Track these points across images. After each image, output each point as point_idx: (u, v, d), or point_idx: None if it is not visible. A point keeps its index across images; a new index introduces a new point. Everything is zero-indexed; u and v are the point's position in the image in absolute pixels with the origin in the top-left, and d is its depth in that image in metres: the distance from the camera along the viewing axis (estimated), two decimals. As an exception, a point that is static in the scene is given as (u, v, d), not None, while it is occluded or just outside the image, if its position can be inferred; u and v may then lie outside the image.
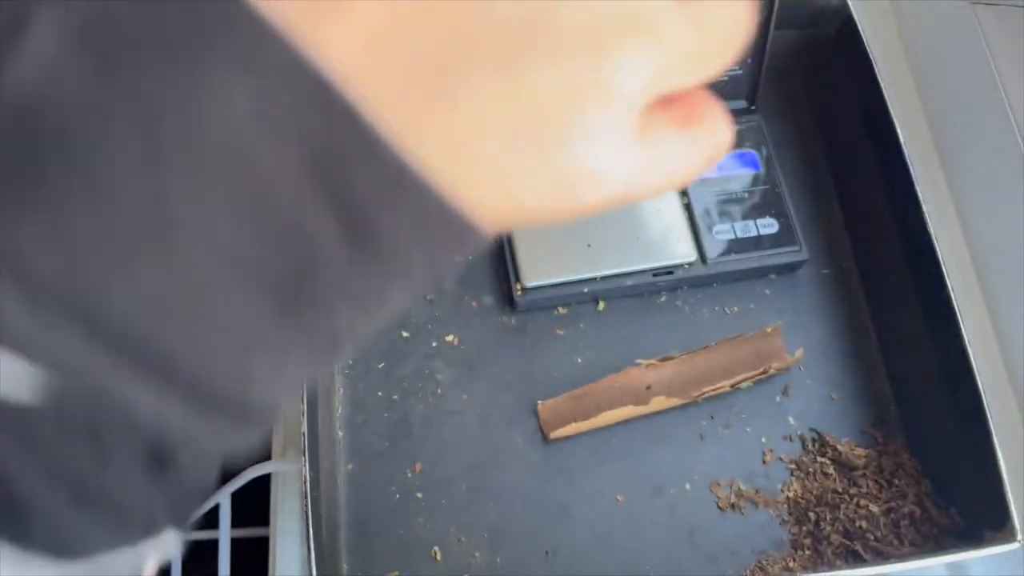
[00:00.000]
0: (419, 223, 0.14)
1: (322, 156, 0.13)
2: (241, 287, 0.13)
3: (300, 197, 0.13)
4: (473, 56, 0.14)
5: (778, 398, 0.47)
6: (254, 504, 0.50)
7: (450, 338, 0.48)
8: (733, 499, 0.45)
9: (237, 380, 0.14)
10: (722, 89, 0.52)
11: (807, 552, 0.44)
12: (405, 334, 0.48)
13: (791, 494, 0.45)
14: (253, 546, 0.48)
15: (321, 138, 0.13)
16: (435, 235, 0.15)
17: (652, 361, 0.46)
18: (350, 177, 0.13)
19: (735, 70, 0.51)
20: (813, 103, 0.55)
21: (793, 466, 0.46)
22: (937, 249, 0.44)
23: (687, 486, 0.45)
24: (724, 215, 0.49)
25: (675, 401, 0.46)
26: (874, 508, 0.44)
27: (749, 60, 0.51)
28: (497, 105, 0.14)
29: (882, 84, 0.48)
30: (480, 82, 0.14)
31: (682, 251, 0.48)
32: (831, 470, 0.46)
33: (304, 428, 0.40)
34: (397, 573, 0.43)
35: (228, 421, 0.15)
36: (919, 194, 0.45)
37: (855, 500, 0.44)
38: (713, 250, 0.48)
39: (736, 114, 0.52)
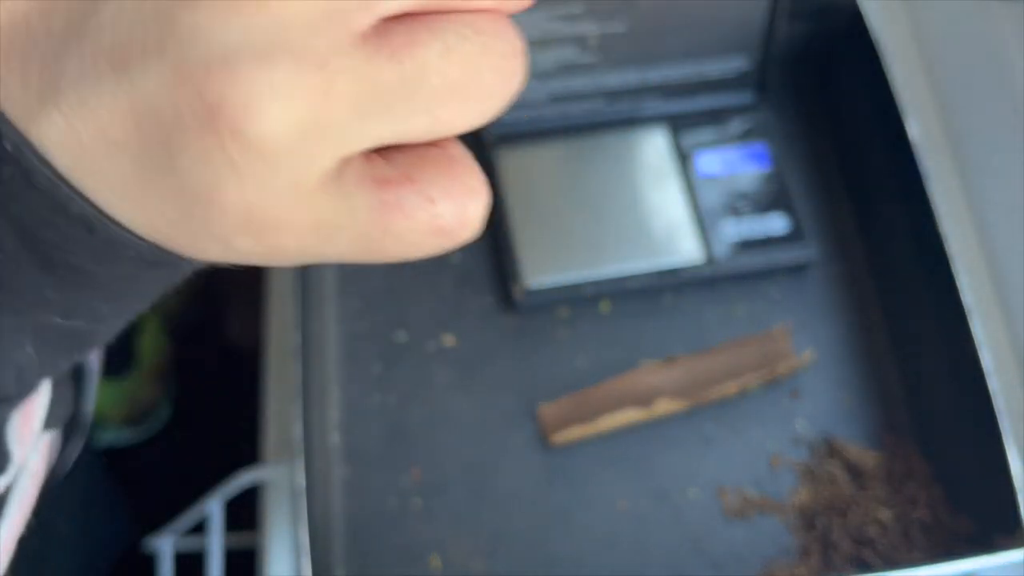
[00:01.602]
0: (79, 240, 0.14)
1: None
2: None
3: None
4: (87, 53, 0.13)
5: (786, 401, 0.47)
6: (246, 510, 0.49)
7: (449, 340, 0.47)
8: (740, 505, 0.44)
9: None
10: (729, 83, 0.51)
11: (816, 559, 0.43)
12: (402, 336, 0.47)
13: (799, 500, 0.45)
14: (245, 553, 0.47)
15: None
16: (96, 250, 0.14)
17: (656, 363, 0.46)
18: (12, 199, 0.13)
19: (742, 63, 0.50)
20: (823, 98, 0.55)
21: (801, 471, 0.45)
22: (950, 249, 0.44)
23: (692, 491, 0.45)
24: (731, 213, 0.48)
25: (680, 404, 0.45)
26: (884, 514, 0.44)
27: (757, 53, 0.50)
28: (111, 111, 0.13)
29: (893, 79, 0.47)
30: (93, 75, 0.12)
31: (688, 251, 0.47)
32: (840, 475, 0.45)
33: (297, 432, 0.40)
34: (394, 582, 0.43)
35: None
36: (931, 192, 0.45)
37: (865, 506, 0.44)
38: (720, 249, 0.47)
39: (743, 108, 0.51)
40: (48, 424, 0.20)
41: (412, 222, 0.14)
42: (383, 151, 0.14)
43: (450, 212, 0.14)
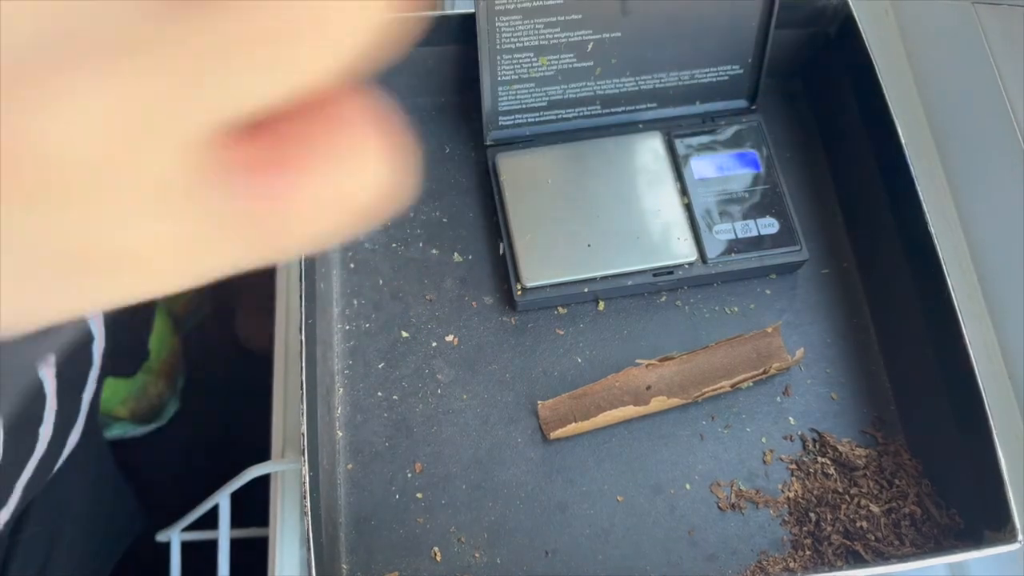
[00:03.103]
0: None
1: None
2: None
3: None
4: None
5: (778, 398, 0.47)
6: (253, 505, 0.50)
7: (450, 338, 0.48)
8: (733, 499, 0.45)
9: None
10: (722, 89, 0.52)
11: (807, 552, 0.44)
12: (405, 334, 0.48)
13: (791, 494, 0.45)
14: (252, 546, 0.48)
15: None
16: None
17: (652, 361, 0.46)
18: None
19: (735, 69, 0.51)
20: (813, 102, 0.55)
21: (793, 466, 0.46)
22: (937, 248, 0.44)
23: (687, 486, 0.45)
24: (724, 215, 0.49)
25: (675, 401, 0.46)
26: (875, 508, 0.44)
27: (749, 59, 0.51)
28: None
29: (882, 83, 0.48)
30: None
31: (682, 251, 0.48)
32: (831, 470, 0.45)
33: (303, 428, 0.40)
34: (397, 573, 0.43)
35: None
36: (919, 193, 0.45)
37: (856, 500, 0.44)
38: (713, 250, 0.48)
39: (736, 113, 0.52)
40: None
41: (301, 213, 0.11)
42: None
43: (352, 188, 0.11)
